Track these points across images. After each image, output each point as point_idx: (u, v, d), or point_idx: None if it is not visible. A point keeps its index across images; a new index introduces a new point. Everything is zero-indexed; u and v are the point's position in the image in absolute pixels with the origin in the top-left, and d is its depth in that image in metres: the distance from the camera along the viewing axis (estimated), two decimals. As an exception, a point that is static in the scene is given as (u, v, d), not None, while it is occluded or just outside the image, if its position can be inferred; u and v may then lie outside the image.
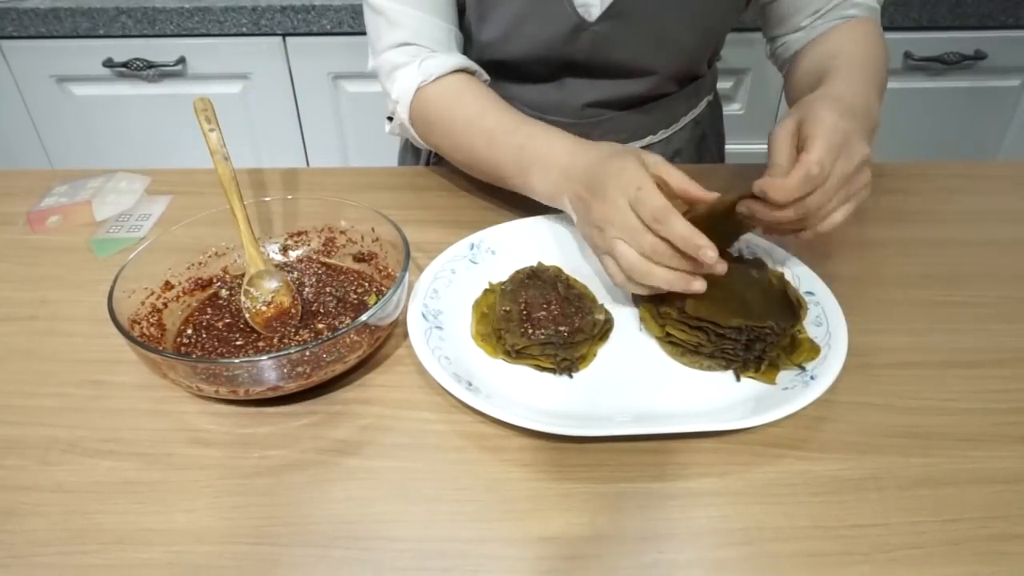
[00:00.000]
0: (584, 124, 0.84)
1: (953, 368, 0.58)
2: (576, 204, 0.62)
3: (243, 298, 0.61)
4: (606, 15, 0.73)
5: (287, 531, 0.47)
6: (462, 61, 0.74)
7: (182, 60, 1.39)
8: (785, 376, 0.56)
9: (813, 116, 0.55)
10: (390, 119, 0.80)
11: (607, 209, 0.57)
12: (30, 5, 1.33)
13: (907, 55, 1.41)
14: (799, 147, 0.55)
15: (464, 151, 0.73)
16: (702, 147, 0.93)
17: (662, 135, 0.88)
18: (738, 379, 0.56)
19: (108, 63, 1.38)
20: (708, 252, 0.53)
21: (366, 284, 0.65)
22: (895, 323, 0.62)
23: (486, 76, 0.77)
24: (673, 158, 0.89)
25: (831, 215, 0.56)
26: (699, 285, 0.55)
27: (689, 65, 0.83)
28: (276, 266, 0.65)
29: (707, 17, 0.77)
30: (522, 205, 0.73)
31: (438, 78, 0.72)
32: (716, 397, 0.55)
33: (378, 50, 0.75)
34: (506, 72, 0.82)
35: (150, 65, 1.39)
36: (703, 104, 0.91)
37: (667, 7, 0.74)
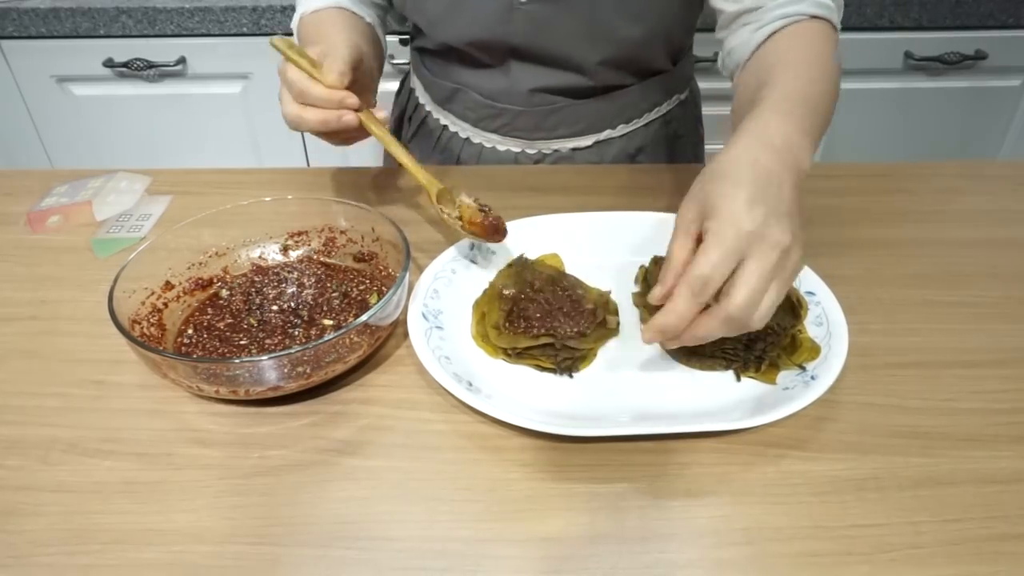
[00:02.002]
0: (536, 112, 0.84)
1: (953, 368, 0.58)
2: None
3: (443, 217, 0.64)
4: None
5: (287, 531, 0.47)
6: (343, 2, 0.80)
7: (182, 60, 1.39)
8: (786, 376, 0.56)
9: (718, 204, 0.48)
10: None
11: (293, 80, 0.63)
12: (30, 5, 1.33)
13: (907, 55, 1.41)
14: (700, 238, 0.49)
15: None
16: (675, 148, 0.92)
17: (622, 129, 0.88)
18: (738, 379, 0.56)
19: (108, 63, 1.38)
20: (348, 100, 0.63)
21: (367, 282, 0.65)
22: (895, 323, 0.62)
23: (369, 19, 0.81)
24: (636, 155, 0.89)
25: (755, 316, 0.47)
26: (349, 117, 0.63)
27: (635, 58, 0.82)
28: (275, 267, 0.65)
29: (643, 9, 0.76)
30: (522, 205, 0.73)
31: (316, 11, 0.78)
32: (716, 397, 0.55)
33: None
34: (456, 57, 0.83)
35: (150, 65, 1.39)
36: (672, 102, 0.90)
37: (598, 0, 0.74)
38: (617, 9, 0.75)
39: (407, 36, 0.99)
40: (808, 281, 0.62)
